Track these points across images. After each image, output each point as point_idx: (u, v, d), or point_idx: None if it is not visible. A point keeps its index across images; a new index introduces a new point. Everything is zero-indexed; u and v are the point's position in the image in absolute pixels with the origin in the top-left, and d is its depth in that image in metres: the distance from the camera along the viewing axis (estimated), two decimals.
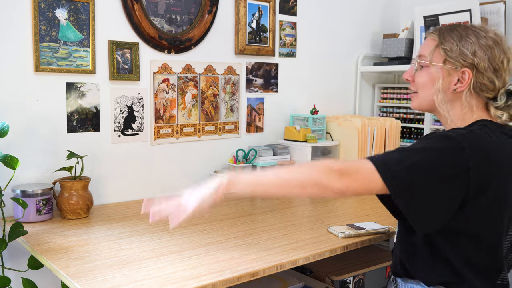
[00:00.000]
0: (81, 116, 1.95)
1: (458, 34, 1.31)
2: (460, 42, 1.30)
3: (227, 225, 1.74)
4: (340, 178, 1.15)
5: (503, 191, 1.21)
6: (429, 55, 1.33)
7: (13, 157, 1.64)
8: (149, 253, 1.44)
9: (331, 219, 1.84)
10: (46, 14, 1.83)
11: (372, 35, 3.01)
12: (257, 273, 1.32)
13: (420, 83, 1.36)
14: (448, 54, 1.30)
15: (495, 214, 1.22)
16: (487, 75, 1.28)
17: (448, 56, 1.30)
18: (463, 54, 1.29)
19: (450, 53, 1.30)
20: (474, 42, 1.29)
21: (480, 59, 1.28)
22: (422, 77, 1.35)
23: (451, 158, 1.15)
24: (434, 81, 1.32)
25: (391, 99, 2.94)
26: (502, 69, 1.30)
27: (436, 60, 1.32)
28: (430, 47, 1.34)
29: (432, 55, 1.33)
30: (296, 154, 2.46)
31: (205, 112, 2.31)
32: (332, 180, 1.15)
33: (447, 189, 1.16)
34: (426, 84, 1.34)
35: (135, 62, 2.06)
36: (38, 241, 1.53)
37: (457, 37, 1.31)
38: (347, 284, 2.02)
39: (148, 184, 2.15)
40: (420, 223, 1.18)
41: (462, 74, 1.29)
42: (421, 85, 1.36)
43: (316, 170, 1.17)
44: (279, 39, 2.55)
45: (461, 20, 2.47)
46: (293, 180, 1.18)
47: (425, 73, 1.34)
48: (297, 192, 1.20)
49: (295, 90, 2.66)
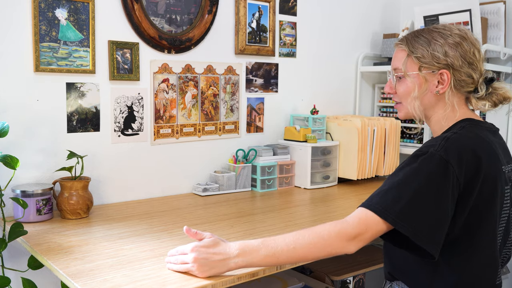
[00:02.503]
0: (81, 116, 1.95)
1: (425, 39, 1.34)
2: (430, 46, 1.33)
3: (227, 225, 1.74)
4: (354, 243, 1.20)
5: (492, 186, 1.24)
6: (403, 66, 1.37)
7: (13, 157, 1.64)
8: (149, 253, 1.44)
9: (331, 219, 1.83)
10: (46, 14, 1.83)
11: (372, 35, 3.01)
12: (257, 273, 1.32)
13: (402, 94, 1.39)
14: (422, 61, 1.33)
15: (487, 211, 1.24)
16: (464, 71, 1.32)
17: (422, 63, 1.33)
18: (435, 57, 1.32)
19: (423, 59, 1.33)
20: (442, 43, 1.32)
21: (453, 57, 1.31)
22: (402, 87, 1.39)
23: (442, 176, 1.18)
24: (414, 89, 1.36)
25: (391, 99, 2.94)
26: (476, 61, 1.33)
27: (411, 69, 1.36)
28: (402, 58, 1.38)
29: (405, 65, 1.36)
30: (296, 154, 2.46)
31: (205, 112, 2.31)
32: (346, 247, 1.21)
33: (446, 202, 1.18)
34: (408, 93, 1.37)
35: (135, 62, 2.06)
36: (38, 241, 1.53)
37: (425, 42, 1.34)
38: (347, 284, 2.02)
39: (148, 184, 2.16)
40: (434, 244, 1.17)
41: (441, 76, 1.33)
42: (403, 95, 1.39)
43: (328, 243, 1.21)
44: (279, 39, 2.55)
45: (461, 20, 2.47)
46: (309, 254, 1.23)
47: (404, 84, 1.38)
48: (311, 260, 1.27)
49: (295, 90, 2.66)
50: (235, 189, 2.29)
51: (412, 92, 1.36)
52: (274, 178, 2.38)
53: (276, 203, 2.12)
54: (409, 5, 3.02)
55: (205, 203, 2.08)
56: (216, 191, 2.23)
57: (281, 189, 2.39)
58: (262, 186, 2.34)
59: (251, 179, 2.35)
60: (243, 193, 2.28)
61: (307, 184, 2.41)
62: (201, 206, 2.02)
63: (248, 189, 2.34)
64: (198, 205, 2.05)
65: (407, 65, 1.36)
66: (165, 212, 1.91)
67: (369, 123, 2.48)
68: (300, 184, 2.44)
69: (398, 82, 1.40)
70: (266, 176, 2.35)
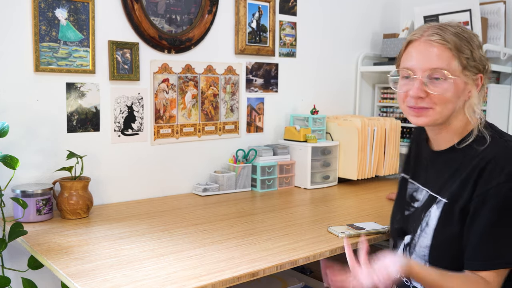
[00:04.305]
0: (81, 116, 1.95)
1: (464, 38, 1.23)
2: (472, 46, 1.23)
3: (227, 225, 1.74)
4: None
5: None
6: (449, 66, 1.21)
7: (13, 157, 1.64)
8: (149, 253, 1.43)
9: (331, 219, 1.84)
10: (46, 14, 1.83)
11: (372, 35, 3.01)
12: (257, 273, 1.32)
13: (438, 97, 1.23)
14: (469, 63, 1.22)
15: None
16: (487, 75, 1.27)
17: (469, 65, 1.22)
18: (480, 60, 1.24)
19: (472, 61, 1.23)
20: (478, 45, 1.25)
21: (485, 60, 1.26)
22: (440, 90, 1.22)
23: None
24: (459, 94, 1.23)
25: (391, 99, 2.94)
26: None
27: (456, 70, 1.22)
28: (448, 57, 1.21)
29: (450, 66, 1.21)
30: (296, 154, 2.46)
31: (205, 112, 2.31)
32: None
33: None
34: (451, 98, 1.23)
35: (135, 62, 2.06)
36: (38, 241, 1.53)
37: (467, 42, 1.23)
38: None
39: (148, 184, 2.16)
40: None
41: (476, 81, 1.25)
42: (440, 99, 1.23)
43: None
44: (279, 39, 2.55)
45: (461, 20, 2.47)
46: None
47: (444, 86, 1.22)
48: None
49: (295, 90, 2.66)
50: (235, 189, 2.29)
51: (451, 96, 1.22)
52: (274, 178, 2.38)
53: (276, 203, 2.12)
54: (409, 5, 3.02)
55: (205, 203, 2.08)
56: (216, 191, 2.23)
57: (281, 189, 2.39)
58: (262, 186, 2.34)
59: (251, 179, 2.34)
60: (243, 193, 2.28)
61: (307, 184, 2.41)
62: (201, 206, 2.02)
63: (248, 189, 2.34)
64: (198, 205, 2.05)
65: (451, 65, 1.21)
66: (165, 212, 1.91)
67: (369, 123, 2.48)
68: (300, 184, 2.44)
69: (434, 85, 1.22)
70: (266, 176, 2.35)
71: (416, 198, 1.40)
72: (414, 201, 1.41)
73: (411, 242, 1.35)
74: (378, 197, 2.20)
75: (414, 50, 1.26)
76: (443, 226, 1.26)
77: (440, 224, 1.27)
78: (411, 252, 1.35)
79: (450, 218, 1.25)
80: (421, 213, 1.34)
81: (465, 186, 1.23)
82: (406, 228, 1.40)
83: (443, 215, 1.26)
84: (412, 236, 1.35)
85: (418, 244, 1.32)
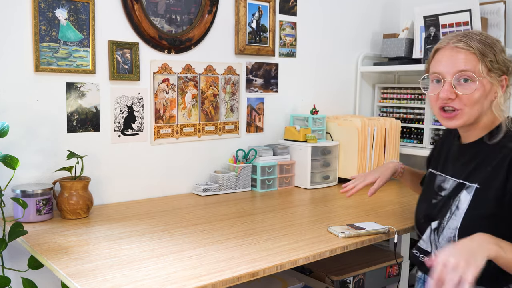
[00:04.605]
0: (81, 116, 1.95)
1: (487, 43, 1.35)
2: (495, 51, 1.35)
3: (227, 225, 1.74)
4: None
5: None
6: (474, 69, 1.33)
7: (13, 157, 1.64)
8: (149, 253, 1.43)
9: (331, 219, 1.84)
10: (46, 14, 1.83)
11: (372, 35, 3.01)
12: (257, 273, 1.32)
13: (469, 99, 1.34)
14: (493, 66, 1.34)
15: None
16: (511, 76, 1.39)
17: (493, 67, 1.34)
18: (503, 62, 1.36)
19: (496, 64, 1.34)
20: (501, 49, 1.37)
21: (510, 63, 1.38)
22: (468, 91, 1.34)
23: None
24: (486, 94, 1.35)
25: (391, 99, 2.94)
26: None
27: (481, 72, 1.34)
28: (472, 61, 1.34)
29: (476, 68, 1.33)
30: (296, 154, 2.46)
31: (205, 112, 2.31)
32: None
33: None
34: (478, 98, 1.35)
35: (135, 62, 2.06)
36: (38, 241, 1.53)
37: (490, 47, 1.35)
38: (347, 284, 2.02)
39: (148, 184, 2.16)
40: None
41: (501, 82, 1.37)
42: (469, 101, 1.35)
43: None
44: (279, 39, 2.55)
45: (461, 20, 2.47)
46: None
47: (472, 88, 1.34)
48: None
49: (295, 90, 2.66)
50: (235, 189, 2.29)
51: (479, 97, 1.34)
52: (274, 178, 2.38)
53: (276, 203, 2.12)
54: (409, 5, 3.02)
55: (205, 203, 2.08)
56: (216, 191, 2.23)
57: (281, 189, 2.39)
58: (262, 186, 2.34)
59: (251, 179, 2.35)
60: (243, 193, 2.28)
61: (307, 184, 2.41)
62: (201, 206, 2.02)
63: (248, 189, 2.34)
64: (198, 205, 2.05)
65: (477, 68, 1.33)
66: (165, 212, 1.91)
67: (369, 123, 2.48)
68: (300, 184, 2.44)
69: (463, 87, 1.35)
70: (266, 176, 2.35)
71: (443, 187, 1.48)
72: (441, 190, 1.49)
73: (439, 226, 1.42)
74: (378, 197, 2.20)
75: (442, 56, 1.40)
76: (474, 208, 1.34)
77: (471, 207, 1.35)
78: (439, 235, 1.42)
79: (482, 201, 1.34)
80: (449, 199, 1.42)
81: (497, 174, 1.33)
82: (433, 214, 1.47)
83: (475, 198, 1.35)
84: (440, 220, 1.42)
85: (447, 227, 1.39)
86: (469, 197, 1.36)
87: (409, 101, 2.83)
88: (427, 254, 1.47)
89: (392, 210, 1.99)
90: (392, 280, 2.16)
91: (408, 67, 2.70)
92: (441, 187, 1.49)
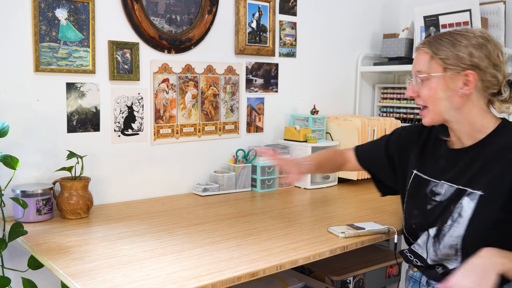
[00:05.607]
0: (81, 116, 1.95)
1: (448, 41, 1.36)
2: (454, 47, 1.34)
3: (227, 225, 1.74)
4: None
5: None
6: (427, 68, 1.37)
7: (13, 157, 1.64)
8: (149, 253, 1.43)
9: (331, 219, 1.84)
10: (46, 14, 1.83)
11: (372, 35, 3.01)
12: (257, 273, 1.32)
13: (427, 96, 1.39)
14: (446, 62, 1.34)
15: None
16: (489, 72, 1.33)
17: (447, 64, 1.34)
18: (460, 58, 1.33)
19: (448, 60, 1.34)
20: (467, 44, 1.34)
21: (478, 58, 1.33)
22: (426, 89, 1.39)
23: None
24: (448, 90, 1.36)
25: (391, 99, 2.94)
26: (500, 63, 1.35)
27: (435, 70, 1.36)
28: (425, 60, 1.38)
29: (429, 67, 1.37)
30: (296, 154, 2.46)
31: (205, 112, 2.31)
32: None
33: None
34: (433, 95, 1.38)
35: (135, 62, 2.06)
36: (38, 241, 1.53)
37: (449, 44, 1.35)
38: (347, 284, 2.02)
39: (148, 184, 2.16)
40: None
41: (466, 77, 1.34)
42: (428, 98, 1.39)
43: None
44: (279, 39, 2.55)
45: (461, 20, 2.47)
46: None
47: (428, 86, 1.38)
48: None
49: (295, 90, 2.66)
50: (235, 189, 2.29)
51: (437, 94, 1.37)
52: (274, 178, 2.38)
53: (276, 203, 2.12)
54: (409, 5, 3.02)
55: (205, 203, 2.08)
56: (216, 191, 2.23)
57: (281, 189, 2.39)
58: (262, 186, 2.34)
59: (251, 179, 2.35)
60: (243, 193, 2.28)
61: (307, 184, 2.41)
62: (201, 206, 2.02)
63: (248, 189, 2.34)
64: (198, 205, 2.05)
65: (431, 66, 1.37)
66: (165, 212, 1.91)
67: (369, 123, 2.48)
68: (300, 184, 2.44)
69: (421, 85, 1.40)
70: (266, 176, 2.35)
71: (437, 192, 1.45)
72: (434, 195, 1.45)
73: (439, 233, 1.39)
74: (378, 197, 2.20)
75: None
76: (479, 216, 1.32)
77: (476, 214, 1.32)
78: (440, 242, 1.39)
79: (487, 208, 1.31)
80: (449, 205, 1.39)
81: (502, 179, 1.30)
82: (429, 221, 1.44)
83: (480, 205, 1.32)
84: (440, 227, 1.39)
85: (449, 234, 1.36)
86: (472, 204, 1.33)
87: (409, 101, 2.83)
88: (421, 259, 1.46)
89: (392, 210, 1.99)
90: (392, 280, 2.16)
91: (408, 67, 2.70)
92: (434, 191, 1.45)
